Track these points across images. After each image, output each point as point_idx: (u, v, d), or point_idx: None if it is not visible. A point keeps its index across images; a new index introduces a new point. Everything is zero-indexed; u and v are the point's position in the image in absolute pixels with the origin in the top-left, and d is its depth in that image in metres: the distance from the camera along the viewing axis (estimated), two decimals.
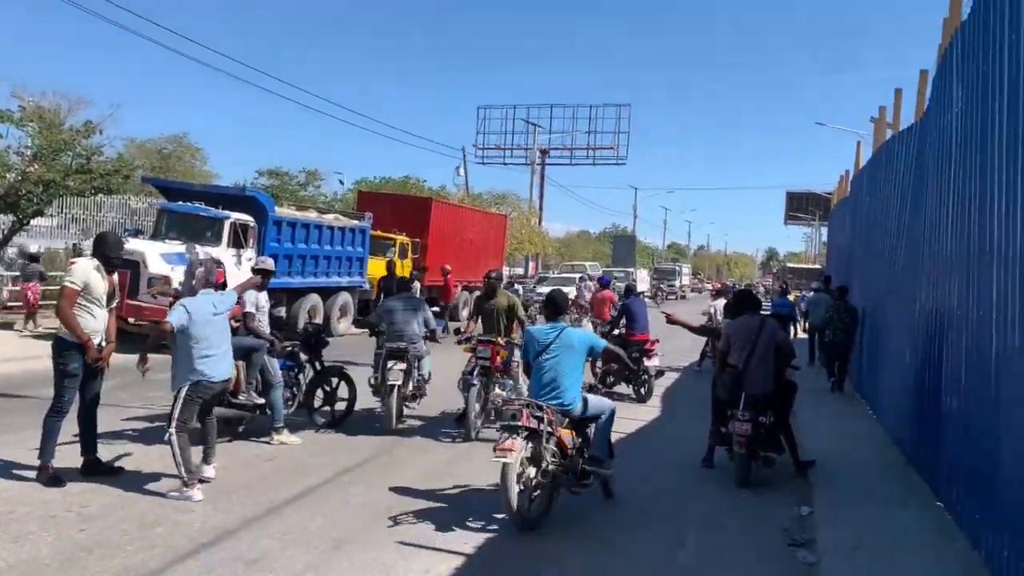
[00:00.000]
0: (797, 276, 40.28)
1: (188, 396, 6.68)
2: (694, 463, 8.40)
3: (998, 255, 5.45)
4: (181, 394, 6.66)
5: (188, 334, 6.68)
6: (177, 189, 19.05)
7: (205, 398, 6.82)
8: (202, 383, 6.71)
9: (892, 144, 11.39)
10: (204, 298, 6.98)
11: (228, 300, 7.25)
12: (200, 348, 6.71)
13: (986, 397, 5.63)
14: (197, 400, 6.74)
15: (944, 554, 5.74)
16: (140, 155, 38.59)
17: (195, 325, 6.70)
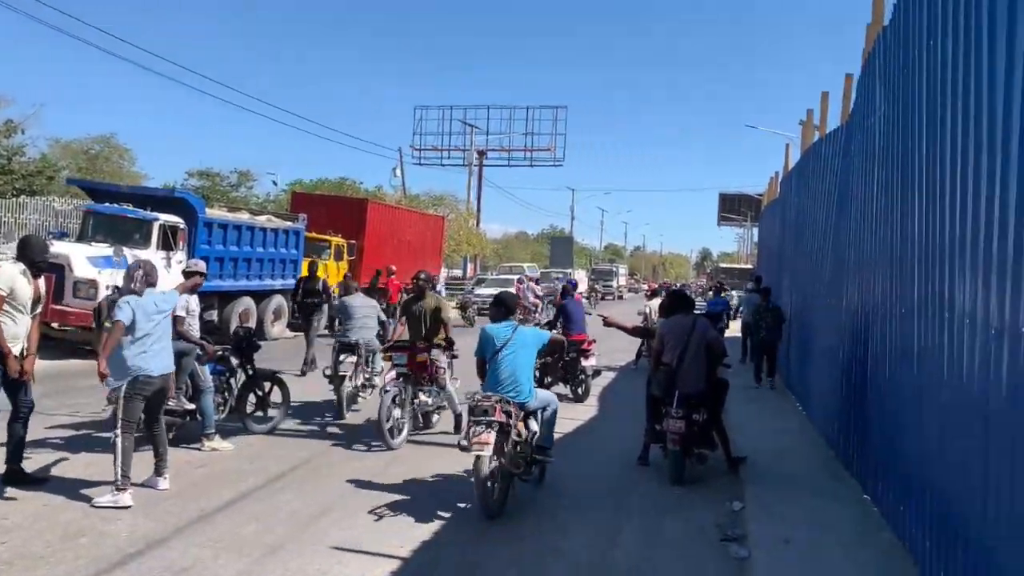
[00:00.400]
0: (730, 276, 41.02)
1: (128, 394, 6.49)
2: (630, 461, 8.49)
3: (919, 254, 5.62)
4: (121, 393, 6.48)
5: (130, 331, 6.51)
6: (104, 191, 18.50)
7: (146, 395, 6.64)
8: (140, 379, 6.54)
9: (819, 146, 11.66)
10: (148, 297, 6.81)
11: (171, 299, 7.07)
12: (137, 345, 6.54)
13: (908, 393, 5.81)
14: (138, 397, 6.56)
15: (870, 546, 5.89)
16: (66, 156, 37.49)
17: (137, 322, 6.53)
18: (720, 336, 8.50)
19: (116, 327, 6.46)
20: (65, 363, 13.56)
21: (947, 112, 5.02)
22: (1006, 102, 3.98)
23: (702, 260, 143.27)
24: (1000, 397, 3.95)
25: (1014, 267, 3.80)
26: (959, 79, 4.80)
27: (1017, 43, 3.85)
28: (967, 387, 4.45)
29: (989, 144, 4.21)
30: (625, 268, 79.79)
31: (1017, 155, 3.80)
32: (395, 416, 8.78)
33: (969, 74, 4.60)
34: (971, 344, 4.40)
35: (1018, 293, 3.74)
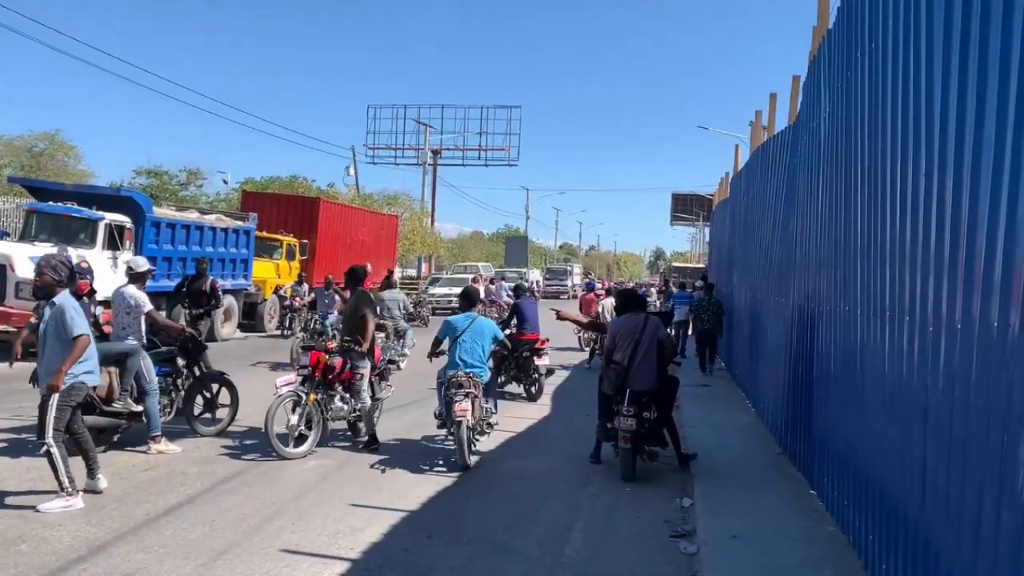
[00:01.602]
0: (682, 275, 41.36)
1: (62, 402, 6.34)
2: (582, 458, 8.53)
3: (861, 250, 5.72)
4: (53, 401, 6.31)
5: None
6: (48, 189, 18.12)
7: (78, 401, 6.50)
8: (75, 386, 6.40)
9: (767, 147, 11.82)
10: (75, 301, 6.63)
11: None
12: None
13: (851, 389, 5.92)
14: (70, 405, 6.42)
15: (816, 539, 5.99)
16: (8, 153, 36.55)
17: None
18: (670, 334, 8.58)
19: (81, 341, 6.29)
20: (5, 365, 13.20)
21: (887, 113, 5.13)
22: (943, 104, 4.07)
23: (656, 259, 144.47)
24: (937, 391, 4.04)
25: (950, 264, 3.89)
26: (898, 81, 4.90)
27: (953, 47, 3.94)
28: (907, 382, 4.55)
29: (927, 145, 4.31)
30: (580, 267, 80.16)
31: (953, 156, 3.89)
32: (291, 423, 8.18)
33: (908, 76, 4.70)
34: (910, 340, 4.50)
35: (954, 289, 3.83)
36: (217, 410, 9.21)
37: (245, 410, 9.37)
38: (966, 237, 3.70)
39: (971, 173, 3.67)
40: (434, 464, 8.25)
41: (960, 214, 3.78)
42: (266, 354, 17.01)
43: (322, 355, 8.53)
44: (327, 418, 8.59)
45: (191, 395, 9.01)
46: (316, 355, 8.52)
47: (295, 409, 8.25)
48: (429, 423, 10.30)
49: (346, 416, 8.88)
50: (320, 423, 8.45)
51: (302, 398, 8.28)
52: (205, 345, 9.32)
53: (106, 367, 7.96)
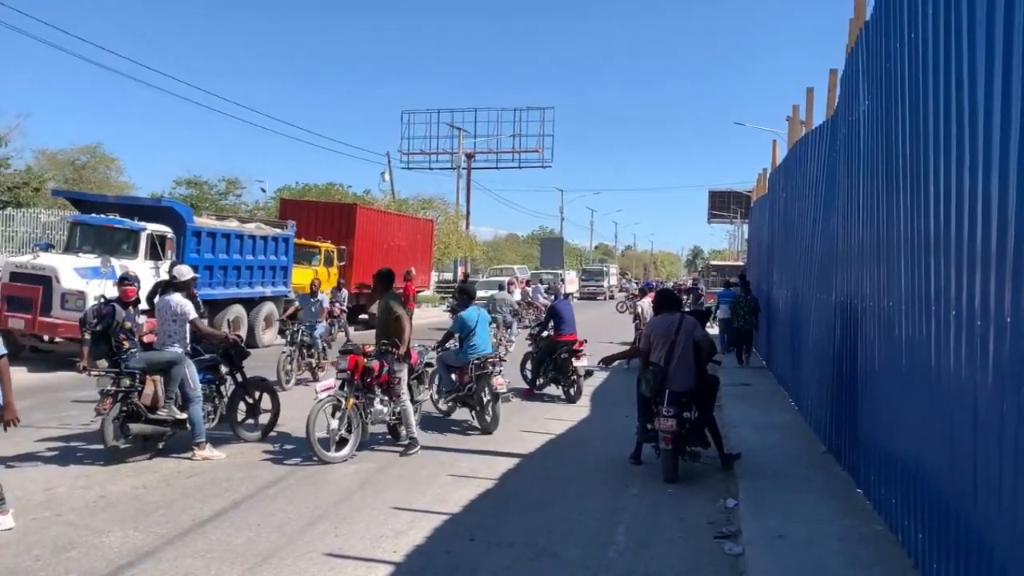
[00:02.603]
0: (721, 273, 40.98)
1: None
2: (623, 460, 8.49)
3: (905, 247, 5.63)
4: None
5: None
6: (90, 201, 18.42)
7: None
8: None
9: (805, 142, 11.69)
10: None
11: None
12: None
13: (897, 385, 5.82)
14: None
15: (863, 539, 5.89)
16: (52, 167, 37.33)
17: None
18: (707, 333, 8.48)
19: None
20: (54, 375, 13.50)
21: (929, 105, 5.04)
22: (987, 93, 3.99)
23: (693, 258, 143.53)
24: (987, 386, 3.96)
25: (998, 258, 3.81)
26: (940, 71, 4.82)
27: (997, 35, 3.86)
28: (955, 378, 4.46)
29: (971, 136, 4.22)
30: (616, 268, 79.84)
31: (999, 147, 3.81)
32: (331, 427, 8.27)
33: (950, 66, 4.61)
34: (957, 335, 4.41)
35: (1002, 284, 3.75)
36: (259, 416, 9.30)
37: (286, 415, 9.46)
38: (1014, 230, 3.62)
39: (1018, 164, 3.59)
40: (473, 466, 8.26)
41: (1007, 207, 3.70)
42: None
43: (360, 359, 8.57)
44: (366, 422, 8.61)
45: (234, 402, 9.11)
46: (355, 359, 8.56)
47: (335, 413, 8.32)
48: (466, 428, 10.34)
49: (385, 419, 8.92)
50: (360, 427, 8.49)
51: (342, 403, 8.33)
52: (247, 352, 9.41)
53: (151, 375, 8.10)
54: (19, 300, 14.21)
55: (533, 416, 11.31)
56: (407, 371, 8.94)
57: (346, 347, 8.96)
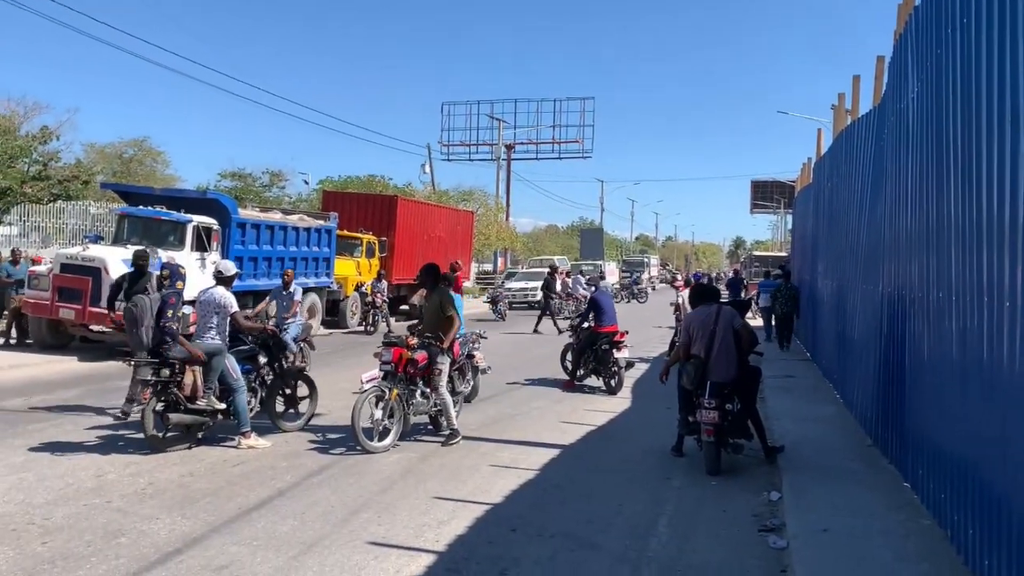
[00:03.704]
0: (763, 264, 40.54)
1: None
2: (664, 452, 8.44)
3: (956, 237, 5.51)
4: None
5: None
6: (137, 194, 18.75)
7: None
8: None
9: (852, 130, 11.49)
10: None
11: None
12: None
13: (948, 377, 5.70)
14: None
15: (911, 533, 5.80)
16: (101, 160, 38.08)
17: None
18: (746, 322, 8.35)
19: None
20: (104, 365, 13.76)
21: (982, 91, 4.92)
22: None
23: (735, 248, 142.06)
24: None
25: None
26: (994, 56, 4.69)
27: None
28: (1008, 370, 4.36)
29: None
30: (657, 259, 79.34)
31: None
32: (376, 417, 8.36)
33: (1004, 51, 4.49)
34: (1012, 326, 4.31)
35: None
36: (298, 405, 9.40)
37: (326, 404, 9.55)
38: None
39: None
40: (514, 456, 8.28)
41: None
42: (350, 349, 17.35)
43: (404, 351, 8.63)
44: (408, 413, 8.67)
45: (273, 392, 9.22)
46: (399, 351, 8.63)
47: (378, 404, 8.38)
48: (510, 416, 10.38)
49: (427, 411, 8.97)
50: (402, 418, 8.56)
51: (385, 393, 8.39)
52: (286, 343, 9.51)
53: (191, 366, 8.22)
54: (70, 291, 14.52)
55: (573, 407, 11.30)
56: (448, 363, 8.98)
57: (388, 338, 9.01)
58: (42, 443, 8.22)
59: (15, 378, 12.09)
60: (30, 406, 10.27)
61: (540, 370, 14.19)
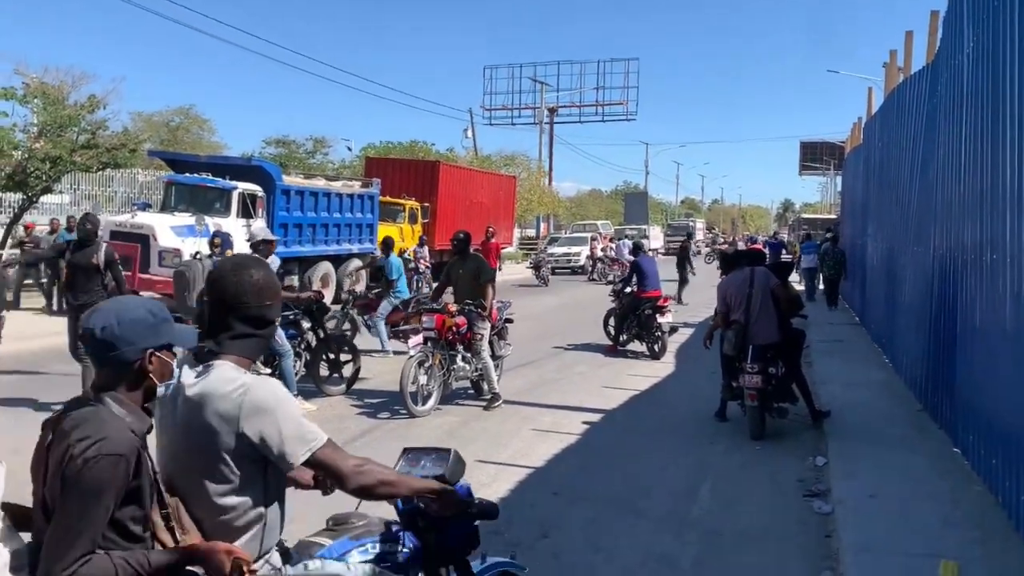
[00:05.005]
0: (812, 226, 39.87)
1: None
2: (708, 417, 8.38)
3: (1011, 196, 5.34)
4: None
5: None
6: (183, 161, 19.01)
7: None
8: None
9: (903, 88, 11.18)
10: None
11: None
12: None
13: (1000, 341, 5.56)
14: None
15: (960, 500, 5.70)
16: (148, 128, 38.52)
17: None
18: (780, 282, 8.18)
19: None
20: None
21: None
22: None
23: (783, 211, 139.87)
24: None
25: None
26: None
27: None
28: None
29: None
30: (703, 222, 78.44)
31: None
32: (420, 382, 8.45)
33: None
34: None
35: None
36: (341, 370, 9.49)
37: (368, 369, 9.63)
38: None
39: None
40: (556, 421, 8.29)
41: None
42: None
43: (446, 318, 8.70)
44: (449, 378, 8.74)
45: (317, 357, 9.32)
46: (441, 318, 8.71)
47: (421, 368, 8.45)
48: (552, 381, 10.39)
49: (468, 375, 9.03)
50: (443, 383, 8.64)
51: (428, 358, 8.46)
52: (328, 308, 9.59)
53: None
54: (119, 257, 14.77)
55: (616, 372, 11.27)
56: (488, 328, 9.02)
57: (421, 305, 9.12)
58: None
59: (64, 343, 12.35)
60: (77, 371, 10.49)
61: (583, 335, 14.16)
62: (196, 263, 9.61)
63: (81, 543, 2.00)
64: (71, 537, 1.99)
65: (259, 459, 2.32)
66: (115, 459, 2.02)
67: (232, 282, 2.39)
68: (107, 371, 2.18)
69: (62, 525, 2.01)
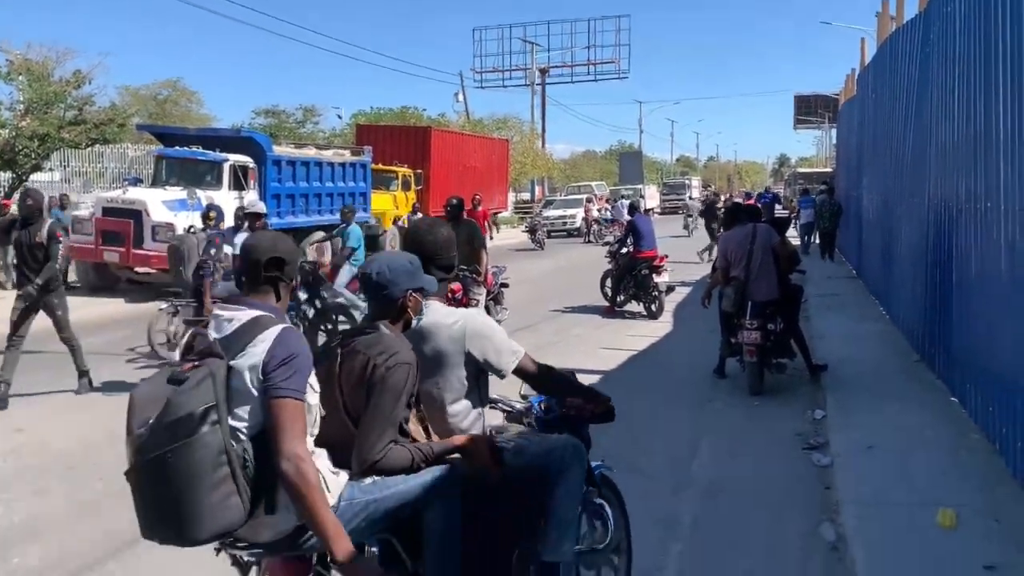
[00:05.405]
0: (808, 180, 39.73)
1: None
2: (706, 374, 8.41)
3: (1005, 145, 5.31)
4: None
5: None
6: (173, 134, 18.86)
7: None
8: None
9: (896, 38, 11.07)
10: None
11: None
12: None
13: (997, 290, 5.57)
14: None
15: (958, 448, 5.73)
16: (135, 102, 38.21)
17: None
18: (781, 240, 8.17)
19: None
20: (151, 305, 13.96)
21: None
22: None
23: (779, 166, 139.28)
24: None
25: None
26: None
27: None
28: None
29: None
30: (698, 180, 78.07)
31: None
32: None
33: None
34: None
35: None
36: None
37: None
38: None
39: None
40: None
41: None
42: None
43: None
44: None
45: (314, 327, 9.32)
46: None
47: None
48: (550, 344, 10.40)
49: None
50: None
51: None
52: (323, 278, 9.57)
53: None
54: (112, 234, 14.73)
55: (613, 333, 11.28)
56: (484, 294, 9.03)
57: None
58: (95, 384, 8.41)
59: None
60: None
61: (580, 298, 14.15)
62: (190, 237, 9.55)
63: (388, 434, 2.59)
64: (379, 429, 2.57)
65: (477, 372, 3.05)
66: (407, 367, 2.64)
67: (429, 240, 3.09)
68: (379, 306, 2.84)
69: (371, 421, 2.59)
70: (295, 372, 2.43)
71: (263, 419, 2.40)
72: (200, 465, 2.27)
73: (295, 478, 2.31)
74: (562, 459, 3.08)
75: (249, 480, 2.36)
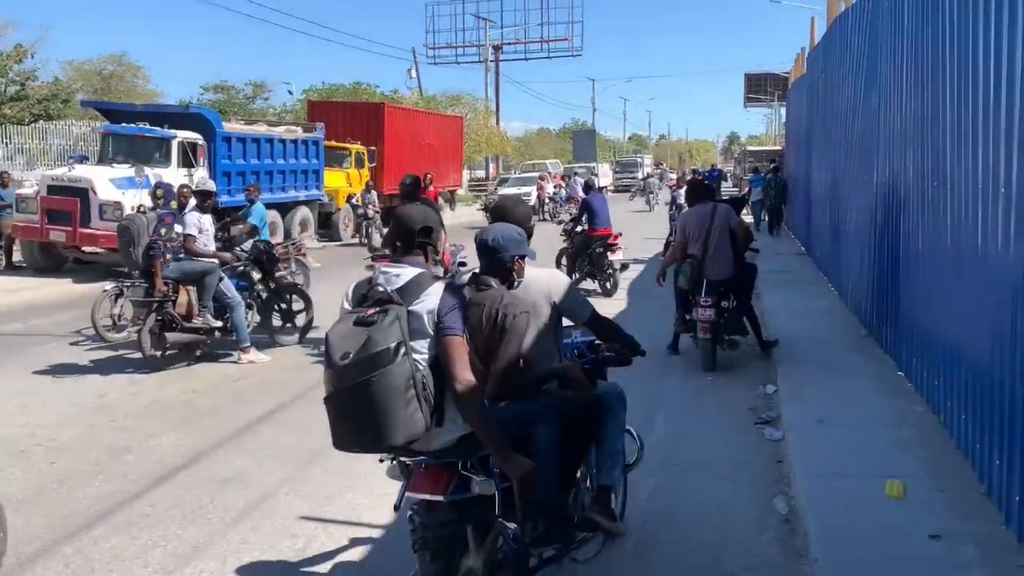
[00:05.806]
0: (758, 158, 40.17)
1: None
2: (661, 350, 8.48)
3: (951, 124, 5.43)
4: None
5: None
6: (119, 111, 18.40)
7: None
8: None
9: (845, 17, 11.20)
10: None
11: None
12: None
13: (941, 267, 5.71)
14: None
15: (905, 421, 5.89)
16: (79, 77, 37.22)
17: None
18: (741, 220, 8.31)
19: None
20: (99, 286, 13.68)
21: None
22: None
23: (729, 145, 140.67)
24: None
25: None
26: None
27: None
28: (1002, 257, 4.35)
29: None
30: (650, 158, 78.46)
31: None
32: None
33: None
34: (1005, 217, 4.28)
35: None
36: (295, 319, 9.42)
37: (321, 318, 9.56)
38: None
39: None
40: None
41: None
42: (346, 262, 17.31)
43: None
44: None
45: (269, 307, 9.23)
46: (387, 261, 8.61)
47: None
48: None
49: None
50: None
51: None
52: (277, 257, 9.47)
53: (184, 285, 8.20)
54: (58, 213, 14.38)
55: None
56: (442, 272, 8.98)
57: (378, 252, 8.99)
58: (43, 366, 8.26)
59: (11, 303, 12.07)
60: (28, 330, 10.30)
61: None
62: (140, 216, 9.32)
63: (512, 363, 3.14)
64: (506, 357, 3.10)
65: (557, 319, 3.72)
66: (526, 315, 3.21)
67: (516, 213, 3.73)
68: (493, 268, 3.37)
69: (504, 354, 3.11)
70: (460, 317, 3.00)
71: (436, 351, 2.98)
72: (396, 387, 2.84)
73: (466, 395, 2.92)
74: (610, 401, 3.80)
75: (428, 399, 2.92)
